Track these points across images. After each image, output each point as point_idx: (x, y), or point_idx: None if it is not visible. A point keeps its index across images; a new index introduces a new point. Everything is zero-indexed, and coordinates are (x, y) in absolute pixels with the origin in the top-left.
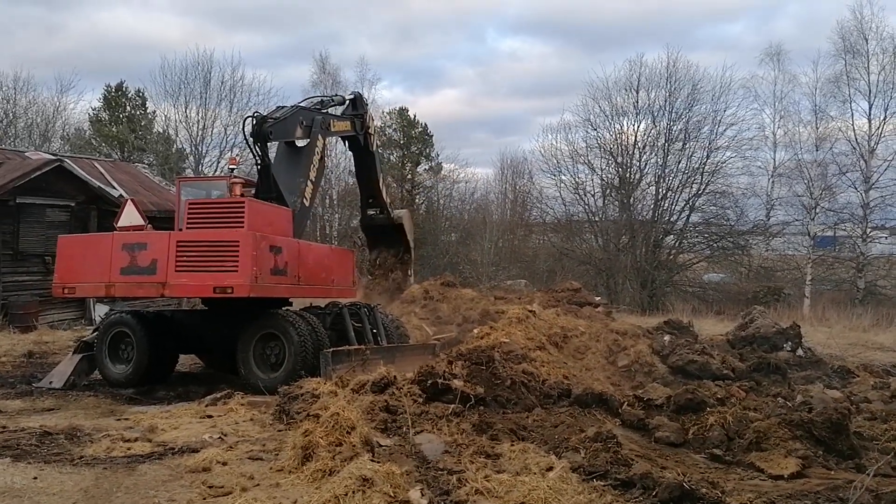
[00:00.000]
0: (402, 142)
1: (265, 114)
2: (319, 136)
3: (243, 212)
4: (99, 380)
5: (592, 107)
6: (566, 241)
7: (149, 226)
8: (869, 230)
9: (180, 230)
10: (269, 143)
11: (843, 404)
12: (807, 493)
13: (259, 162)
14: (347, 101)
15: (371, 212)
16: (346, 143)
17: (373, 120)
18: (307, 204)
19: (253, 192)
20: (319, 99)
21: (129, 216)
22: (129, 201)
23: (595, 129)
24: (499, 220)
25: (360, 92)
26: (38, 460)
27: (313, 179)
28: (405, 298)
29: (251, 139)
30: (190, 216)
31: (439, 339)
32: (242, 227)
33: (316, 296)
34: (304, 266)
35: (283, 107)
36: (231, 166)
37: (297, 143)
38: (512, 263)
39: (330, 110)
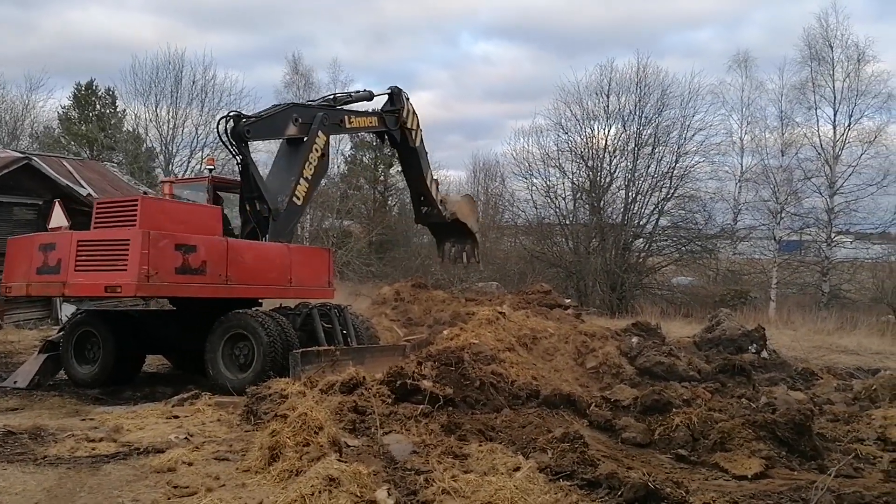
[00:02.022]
0: (374, 143)
1: (252, 113)
2: (320, 133)
3: (136, 210)
4: (64, 380)
5: (564, 111)
6: (537, 243)
7: (66, 227)
8: (833, 235)
9: None
10: (250, 143)
11: (806, 406)
12: (770, 494)
13: (239, 162)
14: (387, 96)
15: (424, 209)
16: (387, 140)
17: (413, 114)
18: (299, 202)
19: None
20: (333, 95)
21: (57, 218)
22: (57, 203)
23: (566, 133)
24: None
25: (398, 86)
26: (1, 460)
27: (308, 177)
28: (376, 300)
29: (225, 138)
30: (96, 216)
31: (410, 340)
32: (134, 225)
33: (259, 296)
34: (237, 265)
35: (277, 105)
36: (209, 166)
37: (303, 140)
38: (483, 266)
39: (355, 106)
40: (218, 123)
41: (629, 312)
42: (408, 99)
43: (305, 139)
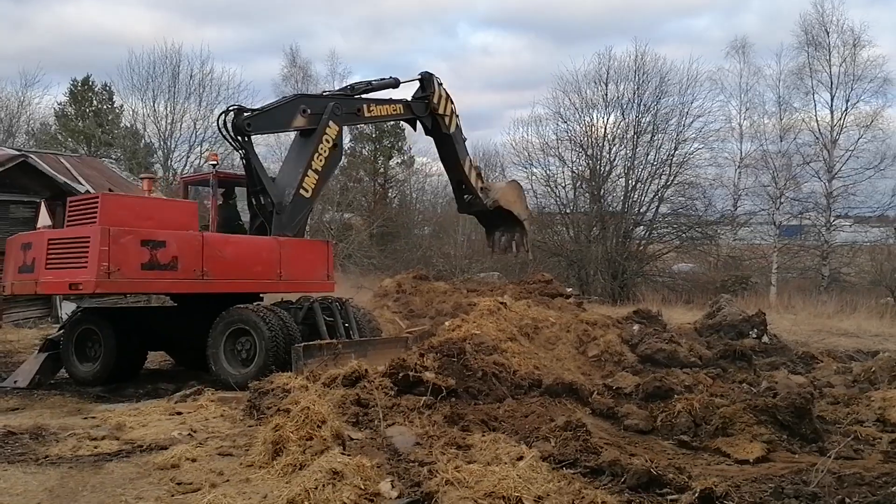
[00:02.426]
0: (374, 135)
1: (259, 107)
2: (331, 123)
3: (96, 207)
4: (65, 378)
5: (563, 100)
6: (538, 233)
7: (48, 226)
8: (832, 219)
9: None
10: (254, 136)
11: (806, 389)
12: (771, 477)
13: (242, 156)
14: (418, 82)
15: (467, 197)
16: (422, 128)
17: (445, 100)
18: (307, 195)
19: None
20: (350, 85)
21: (43, 218)
22: (42, 203)
23: (565, 122)
24: None
25: (429, 72)
26: (2, 461)
27: (317, 168)
28: (378, 292)
29: (225, 131)
30: (68, 214)
31: (412, 332)
32: (95, 222)
33: (242, 290)
34: (215, 260)
35: (286, 97)
36: (212, 162)
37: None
38: (485, 256)
39: (379, 94)
40: (219, 118)
41: (630, 300)
42: (440, 84)
43: (316, 130)
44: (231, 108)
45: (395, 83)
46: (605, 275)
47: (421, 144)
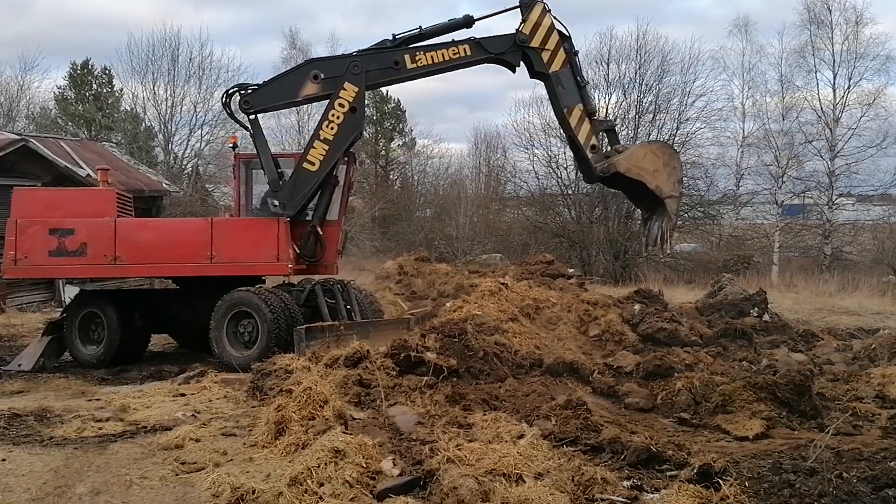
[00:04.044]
0: (374, 118)
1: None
2: (347, 85)
3: (9, 200)
4: (69, 361)
5: None
6: (540, 214)
7: None
8: (835, 197)
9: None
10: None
11: (806, 367)
12: (770, 453)
13: (251, 135)
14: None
15: (591, 156)
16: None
17: (545, 29)
18: (313, 168)
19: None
20: (392, 35)
21: None
22: None
23: None
24: (473, 195)
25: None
26: (7, 442)
27: (326, 138)
28: (380, 274)
29: (228, 111)
30: None
31: (414, 313)
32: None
33: (163, 274)
34: (129, 244)
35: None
36: (230, 144)
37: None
38: (487, 238)
39: (438, 39)
40: (223, 97)
41: (632, 280)
42: (548, 10)
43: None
44: (234, 87)
45: (466, 22)
46: (607, 255)
47: (422, 127)
